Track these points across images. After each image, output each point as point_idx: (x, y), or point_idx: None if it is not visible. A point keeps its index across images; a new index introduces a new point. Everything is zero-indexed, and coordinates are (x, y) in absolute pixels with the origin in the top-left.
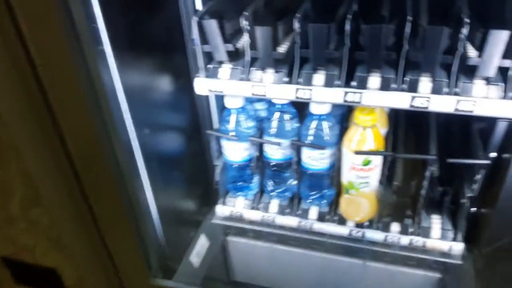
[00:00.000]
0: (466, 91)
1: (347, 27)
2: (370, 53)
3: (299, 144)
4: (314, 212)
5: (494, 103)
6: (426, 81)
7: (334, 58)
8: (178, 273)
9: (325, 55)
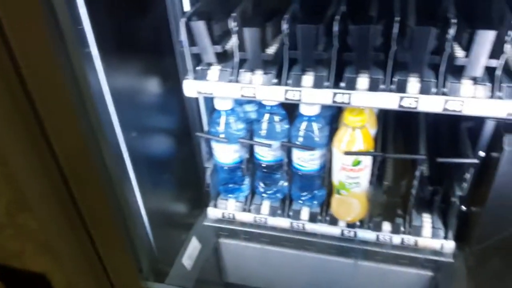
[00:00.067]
0: (454, 91)
1: (335, 28)
2: (359, 54)
3: (289, 145)
4: (305, 213)
5: (481, 103)
6: (414, 81)
7: (322, 59)
8: (170, 276)
9: (313, 56)
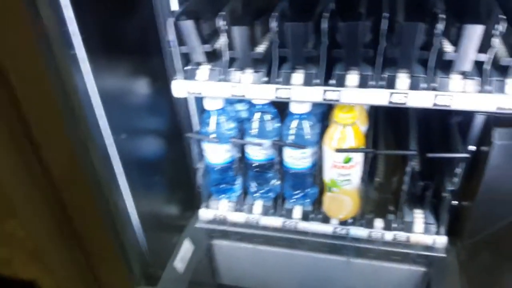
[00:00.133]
0: (444, 86)
1: (324, 25)
2: (348, 50)
3: (281, 144)
4: (298, 211)
5: (471, 97)
6: (404, 77)
7: (312, 57)
8: (162, 279)
9: (303, 54)
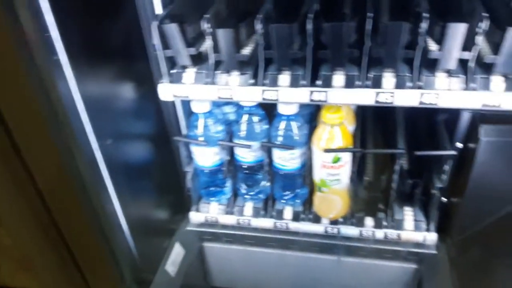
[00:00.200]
0: (429, 84)
1: (309, 27)
2: (333, 51)
3: (269, 145)
4: (288, 212)
5: (456, 95)
6: (390, 76)
7: (298, 58)
8: (154, 283)
9: (289, 55)
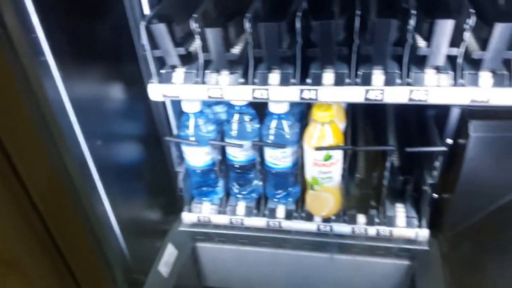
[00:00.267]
0: (418, 81)
1: (298, 25)
2: (322, 49)
3: (261, 144)
4: (281, 210)
5: (445, 91)
6: (379, 73)
7: (288, 57)
8: (146, 285)
9: (278, 54)
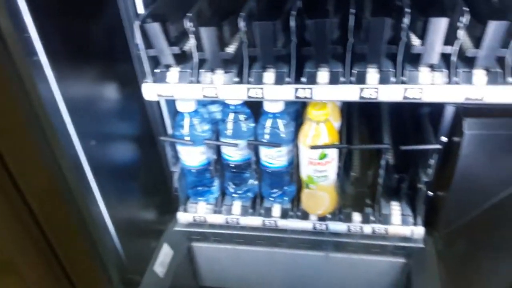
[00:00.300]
0: (413, 79)
1: (292, 24)
2: (317, 48)
3: (256, 143)
4: (277, 209)
5: (440, 89)
6: (373, 72)
7: (282, 56)
8: (142, 285)
9: (273, 53)
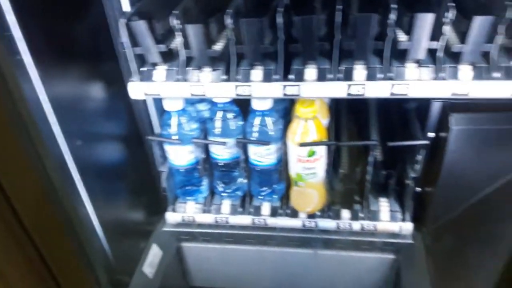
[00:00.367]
0: (400, 75)
1: (279, 20)
2: (304, 45)
3: (244, 141)
4: (266, 208)
5: (426, 85)
6: (360, 68)
7: (270, 53)
8: (131, 286)
9: (260, 50)
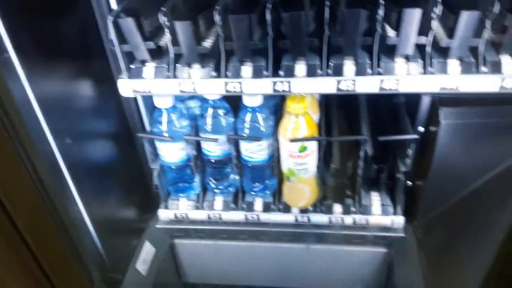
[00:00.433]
0: (389, 70)
1: (268, 17)
2: (293, 41)
3: (236, 138)
4: (259, 203)
5: (416, 80)
6: (350, 64)
7: (259, 49)
8: (124, 283)
9: (250, 46)
